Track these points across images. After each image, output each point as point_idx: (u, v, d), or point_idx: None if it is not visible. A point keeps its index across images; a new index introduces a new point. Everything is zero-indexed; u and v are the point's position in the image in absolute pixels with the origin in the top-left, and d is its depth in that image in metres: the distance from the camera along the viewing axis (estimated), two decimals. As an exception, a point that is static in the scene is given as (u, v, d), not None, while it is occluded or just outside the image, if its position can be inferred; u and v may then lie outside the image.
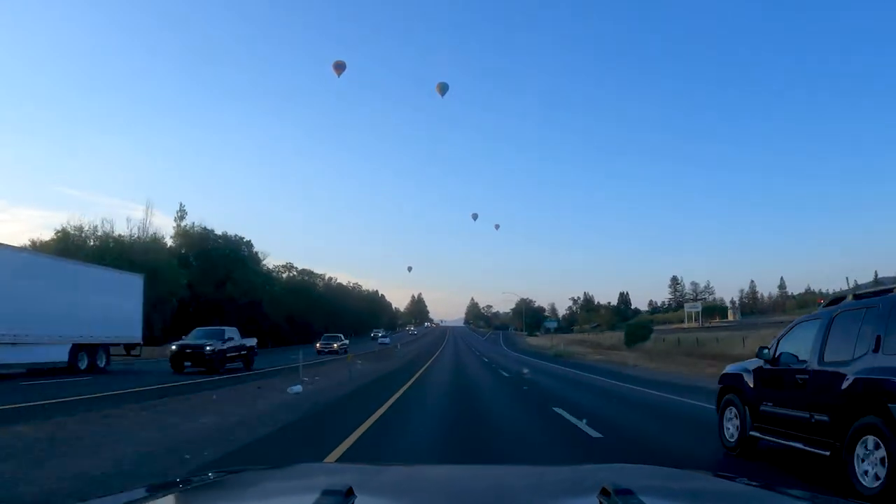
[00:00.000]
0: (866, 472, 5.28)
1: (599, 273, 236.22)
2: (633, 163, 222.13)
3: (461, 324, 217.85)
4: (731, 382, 8.15)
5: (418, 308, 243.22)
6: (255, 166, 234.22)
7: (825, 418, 5.95)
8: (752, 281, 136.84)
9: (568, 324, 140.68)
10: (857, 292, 6.50)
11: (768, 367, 7.28)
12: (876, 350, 5.51)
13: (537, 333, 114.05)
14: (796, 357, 6.77)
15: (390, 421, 10.60)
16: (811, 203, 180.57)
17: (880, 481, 5.11)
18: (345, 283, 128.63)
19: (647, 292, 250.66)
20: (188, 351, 22.51)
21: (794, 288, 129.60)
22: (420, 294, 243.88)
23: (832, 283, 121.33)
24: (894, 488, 4.94)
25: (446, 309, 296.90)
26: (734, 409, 7.88)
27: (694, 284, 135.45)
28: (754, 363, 7.66)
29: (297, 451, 8.28)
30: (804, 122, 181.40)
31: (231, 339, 24.92)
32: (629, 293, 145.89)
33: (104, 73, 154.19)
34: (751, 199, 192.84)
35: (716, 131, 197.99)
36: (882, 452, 5.12)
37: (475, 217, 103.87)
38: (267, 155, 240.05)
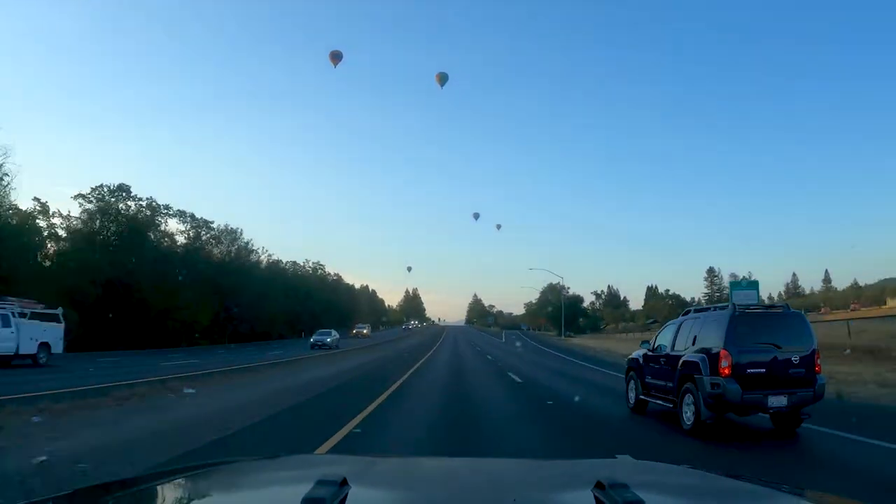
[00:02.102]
0: (685, 416, 8.79)
1: (620, 267, 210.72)
2: (653, 148, 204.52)
3: (463, 323, 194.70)
4: (632, 364, 11.67)
5: (413, 305, 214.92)
6: (249, 164, 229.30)
7: (672, 385, 9.45)
8: (794, 274, 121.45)
9: (592, 322, 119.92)
10: (696, 308, 10.01)
11: (650, 353, 10.77)
12: (693, 344, 9.04)
13: (571, 334, 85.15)
14: (666, 346, 10.24)
15: None
16: (856, 189, 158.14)
17: (692, 421, 8.66)
18: (301, 264, 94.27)
19: (677, 287, 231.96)
20: None
21: (839, 282, 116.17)
22: (415, 289, 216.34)
23: (881, 276, 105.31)
24: (698, 425, 8.49)
25: (447, 310, 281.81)
26: (633, 382, 11.38)
27: (734, 276, 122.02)
28: (644, 351, 11.14)
29: None
30: (852, 106, 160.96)
31: None
32: (657, 286, 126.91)
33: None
34: (787, 185, 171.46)
35: (748, 115, 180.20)
36: (693, 406, 8.60)
37: (476, 216, 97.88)
38: (263, 153, 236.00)
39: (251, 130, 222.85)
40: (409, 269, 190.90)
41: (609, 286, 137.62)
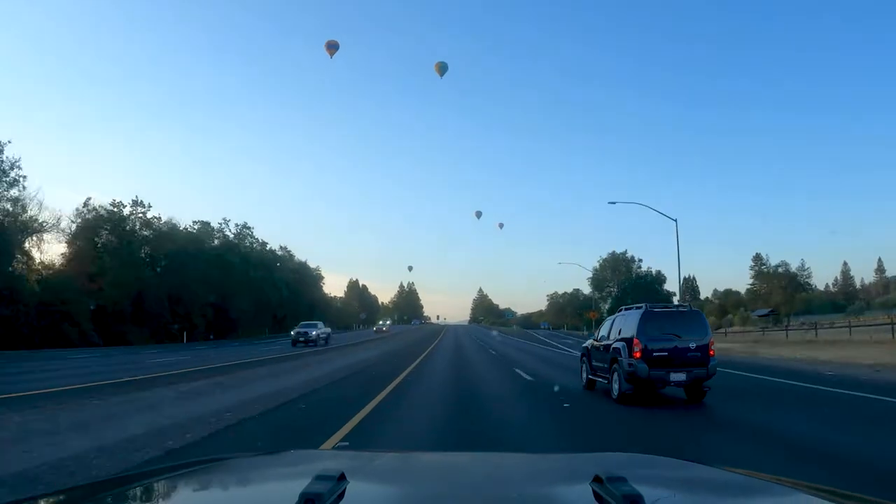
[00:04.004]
0: (614, 388, 11.87)
1: (650, 259, 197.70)
2: (680, 135, 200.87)
3: (466, 322, 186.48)
4: (583, 351, 14.77)
5: (409, 301, 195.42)
6: (243, 158, 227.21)
7: (606, 365, 12.51)
8: (845, 262, 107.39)
9: None
10: (626, 307, 13.10)
11: (595, 342, 13.84)
12: (619, 334, 12.10)
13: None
14: (605, 337, 13.29)
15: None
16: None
17: (617, 392, 11.74)
18: (215, 228, 65.30)
19: (717, 277, 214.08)
20: None
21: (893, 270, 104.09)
22: (411, 283, 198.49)
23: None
24: (621, 396, 11.56)
25: (449, 309, 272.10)
26: (584, 365, 14.47)
27: (784, 265, 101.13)
28: (591, 340, 14.21)
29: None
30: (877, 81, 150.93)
31: None
32: (695, 277, 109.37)
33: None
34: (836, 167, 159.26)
35: (788, 96, 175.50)
36: (618, 382, 11.66)
37: (479, 215, 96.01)
38: (257, 148, 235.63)
39: (247, 127, 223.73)
40: (410, 268, 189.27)
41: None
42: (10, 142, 42.04)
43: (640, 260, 65.67)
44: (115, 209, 51.51)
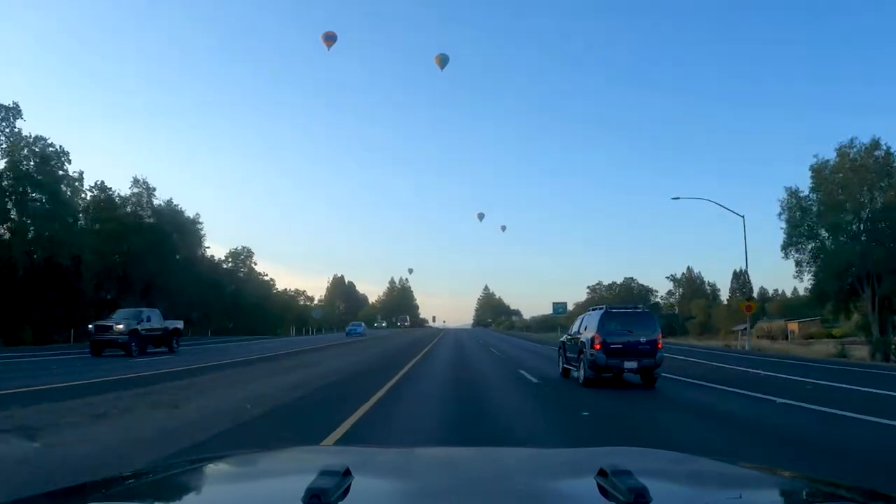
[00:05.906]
0: (580, 375, 14.98)
1: (693, 252, 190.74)
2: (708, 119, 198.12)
3: (469, 326, 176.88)
4: (560, 345, 17.83)
5: (400, 300, 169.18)
6: (238, 157, 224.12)
7: (576, 355, 15.58)
8: None
9: (685, 317, 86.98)
10: (593, 307, 16.25)
11: (569, 336, 16.94)
12: (585, 330, 15.21)
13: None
14: (576, 332, 16.39)
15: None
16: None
17: (582, 378, 14.76)
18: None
19: (767, 270, 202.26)
20: None
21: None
22: (403, 279, 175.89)
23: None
24: (586, 381, 14.52)
25: (451, 312, 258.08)
26: (560, 357, 17.59)
27: None
28: (566, 335, 17.34)
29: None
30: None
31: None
32: (747, 271, 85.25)
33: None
34: None
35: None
36: (584, 369, 14.77)
37: (481, 217, 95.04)
38: (253, 146, 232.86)
39: (244, 126, 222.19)
40: (411, 270, 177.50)
41: (689, 268, 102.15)
42: None
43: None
44: None
